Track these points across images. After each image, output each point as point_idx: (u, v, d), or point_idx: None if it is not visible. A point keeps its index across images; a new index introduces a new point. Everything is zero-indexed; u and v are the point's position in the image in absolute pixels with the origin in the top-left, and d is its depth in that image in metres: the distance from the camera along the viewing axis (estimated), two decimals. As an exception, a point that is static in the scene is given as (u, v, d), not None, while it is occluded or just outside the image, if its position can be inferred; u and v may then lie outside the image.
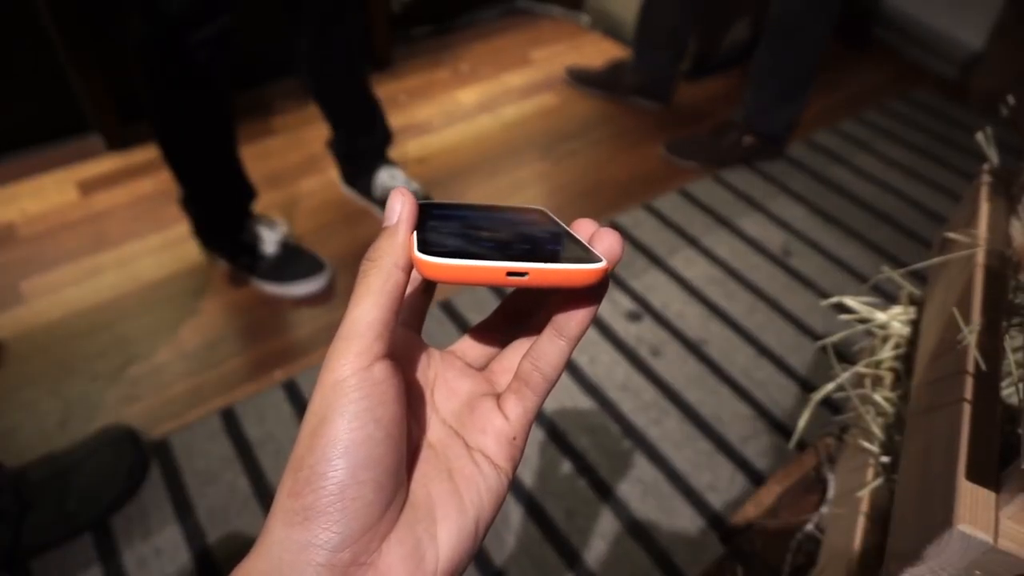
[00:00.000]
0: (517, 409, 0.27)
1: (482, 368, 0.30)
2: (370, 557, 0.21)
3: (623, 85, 1.82)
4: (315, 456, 0.21)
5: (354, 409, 0.21)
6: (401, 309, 0.24)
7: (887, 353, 0.64)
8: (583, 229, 0.26)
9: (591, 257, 0.23)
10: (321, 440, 0.21)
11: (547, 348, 0.26)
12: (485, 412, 0.27)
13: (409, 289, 0.28)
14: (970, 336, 0.43)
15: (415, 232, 0.24)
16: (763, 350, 1.18)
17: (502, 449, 0.26)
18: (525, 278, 0.22)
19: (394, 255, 0.23)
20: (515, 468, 0.27)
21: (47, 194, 1.46)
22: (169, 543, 0.90)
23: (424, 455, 0.26)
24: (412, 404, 0.26)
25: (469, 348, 0.30)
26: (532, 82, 1.90)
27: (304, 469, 0.21)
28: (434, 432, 0.27)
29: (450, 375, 0.29)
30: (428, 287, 0.30)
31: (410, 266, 0.24)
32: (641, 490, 0.97)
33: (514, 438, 0.26)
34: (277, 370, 1.13)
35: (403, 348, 0.28)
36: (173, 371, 1.12)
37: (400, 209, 0.24)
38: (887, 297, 1.21)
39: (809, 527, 0.72)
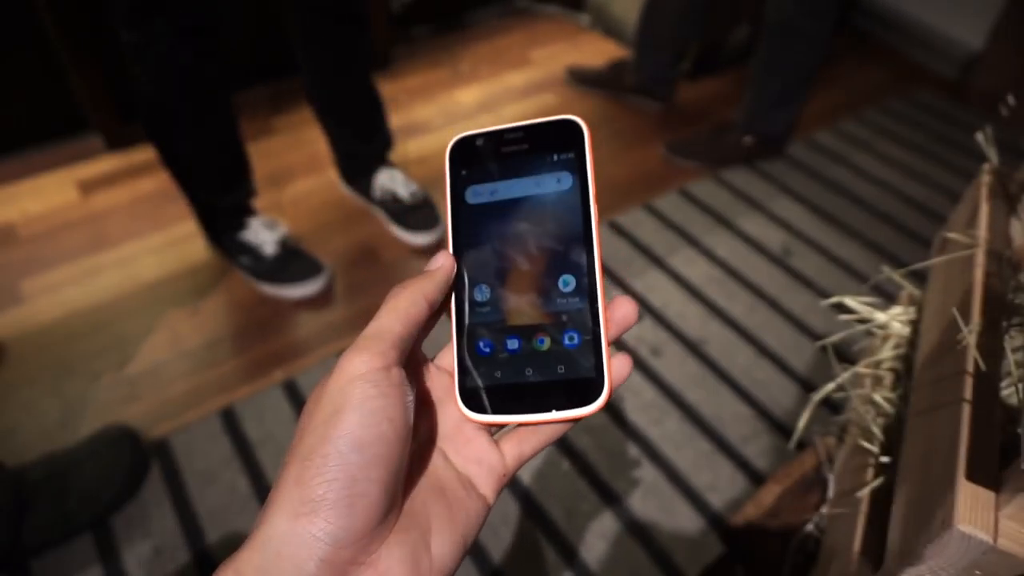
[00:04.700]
0: (515, 451, 0.28)
1: None
2: (369, 557, 0.22)
3: (623, 85, 1.82)
4: (328, 447, 0.21)
5: (371, 406, 0.22)
6: (417, 336, 0.27)
7: (887, 353, 0.64)
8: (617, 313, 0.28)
9: (590, 397, 0.26)
10: (335, 431, 0.21)
11: None
12: (481, 444, 0.28)
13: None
14: (970, 336, 0.43)
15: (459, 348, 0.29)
16: (763, 350, 1.18)
17: (491, 482, 0.27)
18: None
19: (424, 290, 0.26)
20: (497, 497, 0.28)
21: (47, 194, 1.46)
22: (169, 543, 0.90)
23: (419, 469, 0.27)
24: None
25: None
26: (532, 82, 1.90)
27: (316, 458, 0.21)
28: (428, 450, 0.28)
29: (445, 397, 0.29)
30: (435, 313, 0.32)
31: (435, 303, 0.27)
32: (641, 490, 0.97)
33: (504, 475, 0.28)
34: (277, 370, 1.13)
35: (412, 365, 0.29)
36: (173, 371, 1.12)
37: (442, 264, 0.28)
38: (887, 297, 1.21)
39: (809, 527, 0.72)
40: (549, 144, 0.30)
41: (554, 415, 0.26)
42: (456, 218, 0.31)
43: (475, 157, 0.31)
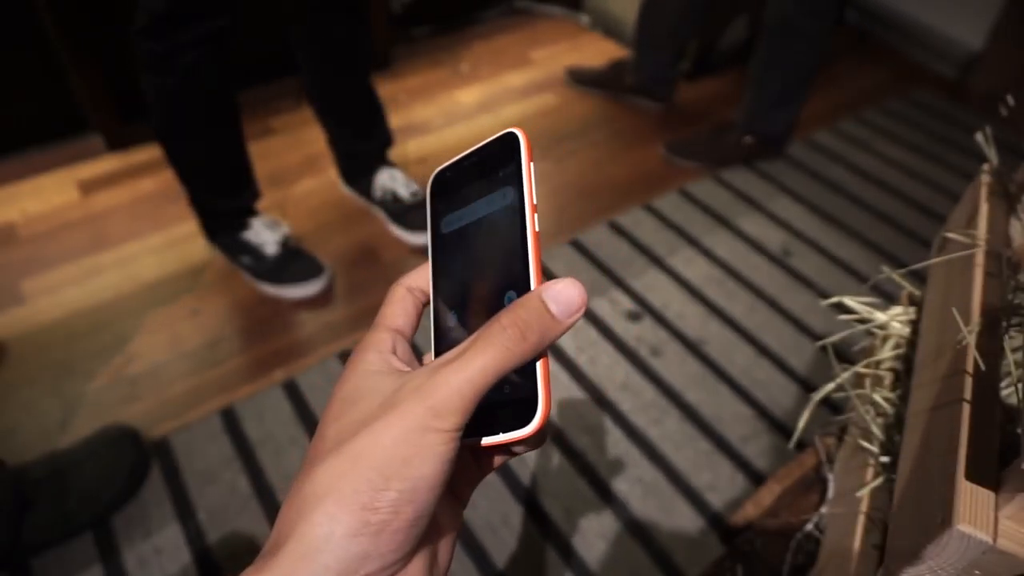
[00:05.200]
0: (485, 458, 0.30)
1: None
2: (398, 568, 0.24)
3: (623, 85, 1.82)
4: (405, 485, 0.23)
5: (448, 458, 0.23)
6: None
7: (887, 353, 0.64)
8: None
9: (525, 419, 0.25)
10: (414, 472, 0.23)
11: None
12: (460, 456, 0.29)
13: (413, 307, 0.31)
14: (970, 336, 0.43)
15: None
16: (763, 350, 1.19)
17: (467, 489, 0.30)
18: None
19: (543, 345, 0.25)
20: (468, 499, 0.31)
21: (47, 194, 1.46)
22: (169, 542, 0.90)
23: None
24: None
25: None
26: (532, 82, 1.90)
27: (391, 491, 0.22)
28: None
29: None
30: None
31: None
32: (641, 490, 0.97)
33: (477, 479, 0.30)
34: (277, 370, 1.13)
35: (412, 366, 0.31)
36: (173, 371, 1.12)
37: (578, 313, 0.25)
38: (887, 297, 1.21)
39: (809, 527, 0.72)
40: (496, 162, 0.30)
41: (501, 437, 0.26)
42: (433, 251, 0.31)
43: (446, 189, 0.32)
